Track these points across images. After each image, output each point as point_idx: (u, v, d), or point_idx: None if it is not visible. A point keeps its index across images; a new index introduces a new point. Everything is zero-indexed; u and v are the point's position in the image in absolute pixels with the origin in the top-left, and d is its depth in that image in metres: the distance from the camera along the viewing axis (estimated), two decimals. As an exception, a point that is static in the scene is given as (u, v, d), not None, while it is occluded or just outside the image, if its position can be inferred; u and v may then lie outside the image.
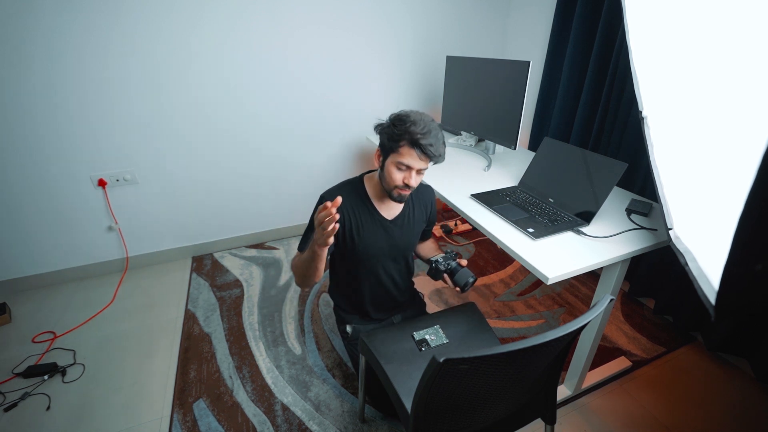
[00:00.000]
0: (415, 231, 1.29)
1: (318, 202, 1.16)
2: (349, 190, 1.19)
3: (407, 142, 1.03)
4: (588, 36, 1.94)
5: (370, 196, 1.19)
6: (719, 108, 0.89)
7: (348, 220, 1.17)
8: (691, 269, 0.92)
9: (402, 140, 1.03)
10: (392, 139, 1.05)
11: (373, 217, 1.19)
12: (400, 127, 1.03)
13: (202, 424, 1.34)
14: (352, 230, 1.18)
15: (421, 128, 1.01)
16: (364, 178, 1.22)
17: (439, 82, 2.42)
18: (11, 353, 1.61)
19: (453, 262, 1.17)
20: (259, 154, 2.22)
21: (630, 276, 1.94)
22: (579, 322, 0.72)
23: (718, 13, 0.89)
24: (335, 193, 1.17)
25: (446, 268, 1.17)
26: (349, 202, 1.17)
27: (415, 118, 1.03)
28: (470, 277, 1.13)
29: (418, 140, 1.01)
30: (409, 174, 1.07)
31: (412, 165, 1.05)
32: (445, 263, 1.17)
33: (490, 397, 0.81)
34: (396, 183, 1.08)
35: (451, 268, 1.17)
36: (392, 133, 1.05)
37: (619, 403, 1.43)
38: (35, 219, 1.89)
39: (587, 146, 2.03)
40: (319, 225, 0.89)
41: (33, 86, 1.66)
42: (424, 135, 1.01)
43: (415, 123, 1.02)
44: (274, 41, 1.98)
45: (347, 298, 1.37)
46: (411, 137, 1.01)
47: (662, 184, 1.03)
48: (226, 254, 2.34)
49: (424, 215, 1.31)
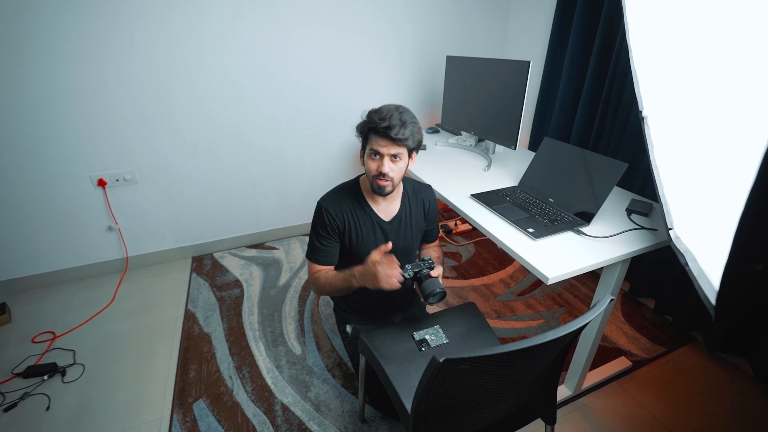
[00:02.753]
0: (414, 231, 1.28)
1: (316, 208, 1.18)
2: (346, 193, 1.20)
3: (371, 130, 1.07)
4: (588, 36, 1.94)
5: (366, 197, 1.20)
6: (719, 108, 0.89)
7: (345, 223, 1.18)
8: (691, 269, 0.92)
9: (368, 129, 1.08)
10: (361, 131, 1.11)
11: (370, 219, 1.20)
12: (367, 119, 1.09)
13: (202, 424, 1.34)
14: (350, 233, 1.19)
15: (383, 114, 1.05)
16: (360, 180, 1.23)
17: (439, 82, 2.42)
18: (11, 353, 1.61)
19: (425, 270, 1.07)
20: (259, 154, 2.22)
21: (630, 276, 1.94)
22: (579, 322, 0.72)
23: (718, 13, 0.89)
24: (332, 198, 1.19)
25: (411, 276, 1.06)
26: (346, 204, 1.18)
27: (380, 108, 1.08)
28: (437, 288, 1.02)
29: (377, 125, 1.05)
30: (381, 161, 1.08)
31: (381, 151, 1.07)
32: (411, 270, 1.07)
33: (490, 397, 0.81)
34: (372, 172, 1.11)
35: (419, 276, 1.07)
36: (362, 126, 1.11)
37: (619, 403, 1.43)
38: (35, 219, 1.89)
39: (587, 146, 2.03)
40: (385, 279, 1.00)
41: (33, 86, 1.66)
42: (383, 119, 1.04)
43: (378, 111, 1.07)
44: (274, 41, 1.98)
45: (347, 299, 1.37)
46: (373, 124, 1.06)
47: (662, 184, 1.03)
48: (226, 254, 2.34)
49: (421, 212, 1.30)
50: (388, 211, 1.22)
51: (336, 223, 1.16)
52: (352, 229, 1.18)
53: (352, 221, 1.18)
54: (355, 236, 1.19)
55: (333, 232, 1.17)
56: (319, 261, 1.20)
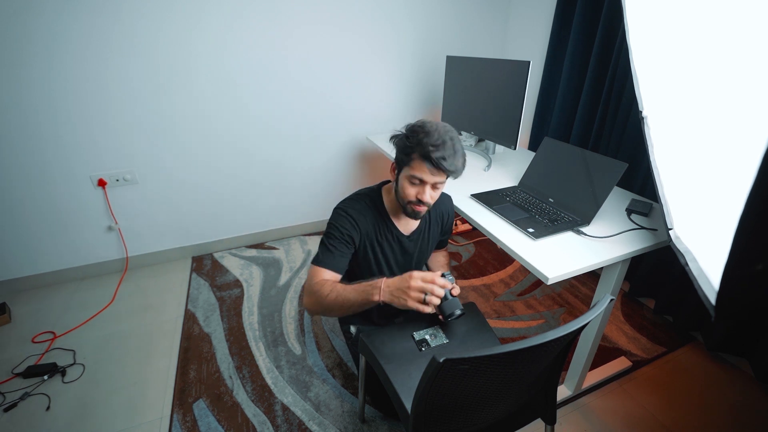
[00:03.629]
0: (431, 243, 1.27)
1: (335, 214, 1.11)
2: (367, 203, 1.14)
3: (419, 155, 0.97)
4: (588, 36, 1.94)
5: (388, 210, 1.15)
6: (719, 108, 0.89)
7: (364, 235, 1.13)
8: (691, 269, 0.92)
9: (414, 152, 0.97)
10: (404, 151, 1.00)
11: (391, 233, 1.16)
12: (412, 138, 0.97)
13: (202, 424, 1.34)
14: (367, 246, 1.14)
15: (435, 139, 0.94)
16: (383, 190, 1.16)
17: (439, 82, 2.42)
18: (11, 353, 1.61)
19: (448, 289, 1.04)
20: (259, 154, 2.22)
21: (630, 276, 1.94)
22: (579, 322, 0.72)
23: (718, 13, 0.89)
24: (355, 208, 1.12)
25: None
26: (368, 218, 1.13)
27: (429, 129, 0.96)
28: (458, 309, 1.01)
29: (429, 152, 0.94)
30: (422, 189, 1.00)
31: (425, 179, 0.99)
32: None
33: (490, 397, 0.81)
34: (409, 198, 1.03)
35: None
36: (404, 145, 1.00)
37: (619, 403, 1.43)
38: (35, 219, 1.89)
39: (587, 146, 2.03)
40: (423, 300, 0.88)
41: (33, 86, 1.66)
42: (437, 147, 0.94)
43: (428, 134, 0.95)
44: (274, 41, 1.98)
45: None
46: (423, 149, 0.95)
47: (662, 184, 1.03)
48: (226, 254, 2.34)
49: (439, 226, 1.27)
50: (408, 226, 1.19)
51: (356, 233, 1.10)
52: (370, 241, 1.14)
53: (373, 235, 1.14)
54: (371, 250, 1.15)
55: (350, 240, 1.10)
56: (327, 265, 1.06)
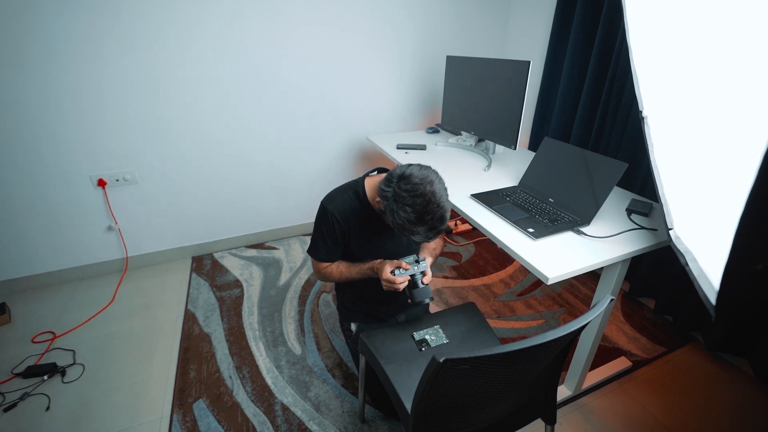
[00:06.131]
0: None
1: (321, 212, 1.17)
2: (351, 196, 1.17)
3: (424, 228, 0.97)
4: (588, 36, 1.94)
5: (371, 201, 1.17)
6: (719, 108, 0.89)
7: (351, 229, 1.17)
8: (691, 269, 0.92)
9: (418, 227, 0.97)
10: (403, 227, 0.98)
11: (376, 221, 1.18)
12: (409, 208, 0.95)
13: (201, 424, 1.34)
14: (355, 238, 1.19)
15: (434, 213, 0.94)
16: (366, 181, 1.19)
17: (439, 82, 2.42)
18: (11, 353, 1.61)
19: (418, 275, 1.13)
20: (259, 153, 2.22)
21: (630, 276, 1.94)
22: (579, 322, 0.72)
23: (718, 13, 0.89)
24: (335, 198, 1.17)
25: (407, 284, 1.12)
26: (353, 211, 1.16)
27: (420, 191, 0.94)
28: (426, 298, 1.13)
29: (435, 227, 0.97)
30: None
31: (416, 239, 1.03)
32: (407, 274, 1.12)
33: (490, 397, 0.81)
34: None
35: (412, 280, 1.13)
36: (406, 220, 0.96)
37: (619, 403, 1.43)
38: (35, 219, 1.89)
39: (587, 146, 2.03)
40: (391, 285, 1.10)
41: (32, 86, 1.66)
42: (435, 218, 0.95)
43: (428, 204, 0.94)
44: (273, 41, 1.98)
45: (355, 300, 1.37)
46: (423, 224, 0.96)
47: (662, 184, 1.03)
48: (226, 254, 2.34)
49: None
50: None
51: (342, 229, 1.16)
52: (357, 234, 1.18)
53: (359, 227, 1.18)
54: (358, 241, 1.19)
55: (339, 237, 1.18)
56: (323, 259, 1.22)
